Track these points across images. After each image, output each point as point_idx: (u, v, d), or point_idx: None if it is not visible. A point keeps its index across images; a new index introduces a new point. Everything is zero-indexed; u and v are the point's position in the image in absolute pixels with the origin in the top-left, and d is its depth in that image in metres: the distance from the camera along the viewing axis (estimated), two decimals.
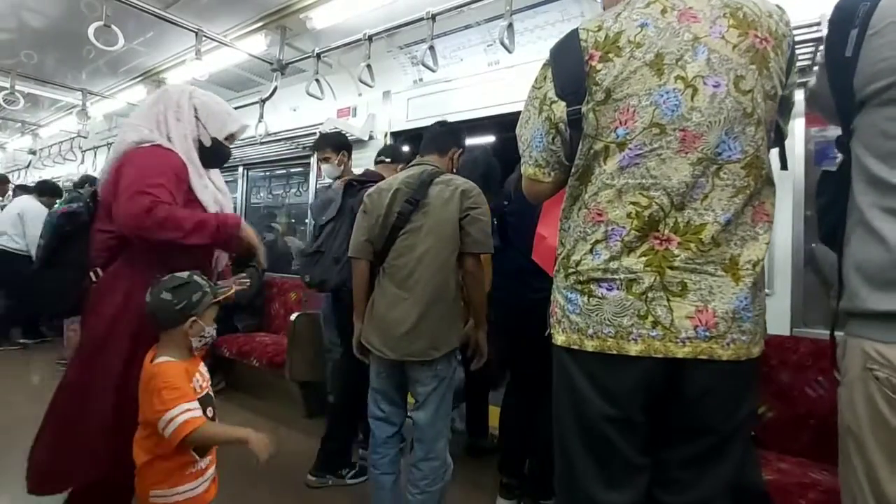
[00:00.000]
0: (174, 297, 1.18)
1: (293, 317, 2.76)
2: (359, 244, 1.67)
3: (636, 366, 0.85)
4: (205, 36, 2.93)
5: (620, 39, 0.87)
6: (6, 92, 3.89)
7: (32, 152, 6.40)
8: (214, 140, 1.51)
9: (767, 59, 0.84)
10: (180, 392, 1.13)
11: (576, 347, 0.90)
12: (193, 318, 1.20)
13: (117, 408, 1.26)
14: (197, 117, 1.48)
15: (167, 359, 1.19)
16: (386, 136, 3.28)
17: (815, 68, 1.72)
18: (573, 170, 0.95)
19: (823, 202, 0.91)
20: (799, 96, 1.70)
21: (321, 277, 2.10)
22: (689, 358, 0.83)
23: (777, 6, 0.89)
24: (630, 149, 0.86)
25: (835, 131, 0.89)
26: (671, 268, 0.84)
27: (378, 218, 1.61)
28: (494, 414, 2.59)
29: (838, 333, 0.86)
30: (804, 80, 1.75)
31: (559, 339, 0.94)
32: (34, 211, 4.20)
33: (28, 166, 6.73)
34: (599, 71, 0.88)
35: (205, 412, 1.17)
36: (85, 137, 5.34)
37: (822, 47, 1.62)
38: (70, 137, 5.45)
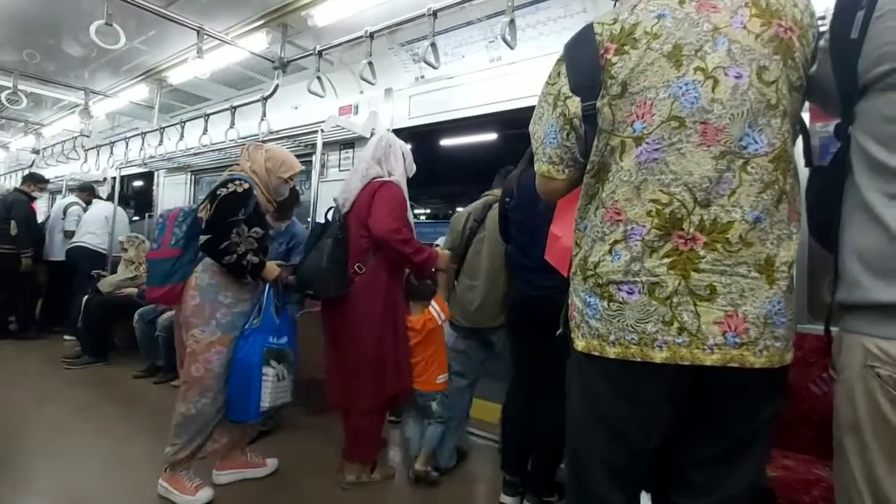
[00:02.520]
0: (434, 283, 2.24)
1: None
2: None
3: (661, 373, 0.81)
4: (206, 34, 2.92)
5: (636, 31, 0.84)
6: (9, 91, 3.89)
7: (36, 151, 6.41)
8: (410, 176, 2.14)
9: (793, 48, 0.80)
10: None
11: (596, 354, 0.86)
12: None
13: (391, 350, 1.99)
14: (405, 158, 2.11)
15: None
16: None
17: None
18: (588, 167, 0.92)
19: (811, 198, 0.89)
20: None
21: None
22: (719, 366, 0.79)
23: None
24: (648, 143, 0.82)
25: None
26: (696, 270, 0.80)
27: (457, 234, 2.32)
28: (496, 411, 2.58)
29: (833, 329, 0.83)
30: None
31: (579, 344, 0.90)
32: (120, 215, 4.69)
33: (31, 165, 6.73)
34: (615, 64, 0.85)
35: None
36: (88, 136, 5.35)
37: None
38: (73, 136, 5.45)
